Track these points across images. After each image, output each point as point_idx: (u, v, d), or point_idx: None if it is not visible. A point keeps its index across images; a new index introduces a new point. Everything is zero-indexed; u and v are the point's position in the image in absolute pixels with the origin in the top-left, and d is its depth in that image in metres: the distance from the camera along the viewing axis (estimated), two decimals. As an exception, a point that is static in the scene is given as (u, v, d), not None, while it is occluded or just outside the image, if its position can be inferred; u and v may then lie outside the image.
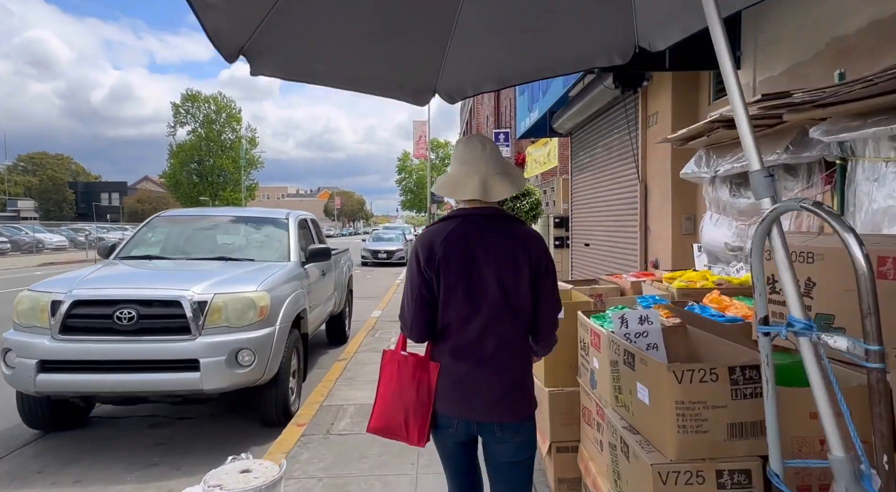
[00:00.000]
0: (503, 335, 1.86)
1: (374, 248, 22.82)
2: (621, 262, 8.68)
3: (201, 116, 61.51)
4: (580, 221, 11.23)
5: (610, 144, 9.08)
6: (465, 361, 1.87)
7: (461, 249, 1.86)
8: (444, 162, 75.59)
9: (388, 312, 10.31)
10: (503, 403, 1.85)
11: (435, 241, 1.88)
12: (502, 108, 24.05)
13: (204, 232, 5.87)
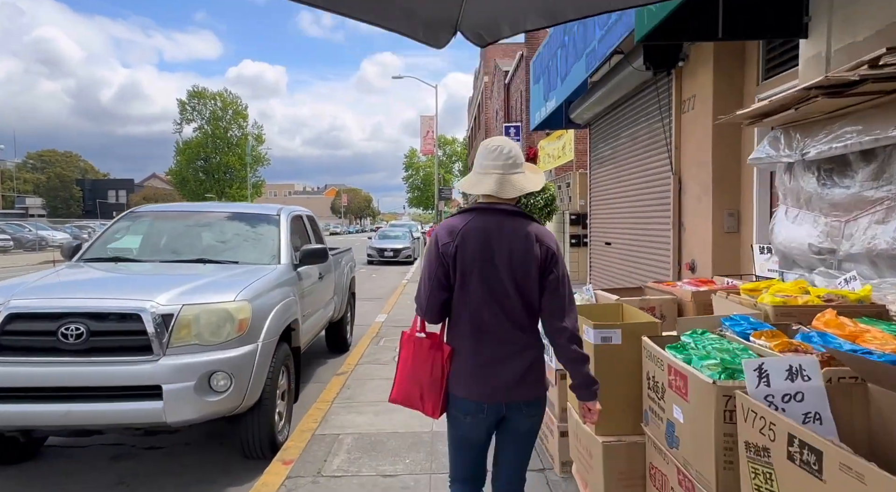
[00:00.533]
0: (516, 318, 2.00)
1: (381, 246, 22.08)
2: (649, 263, 7.87)
3: (207, 113, 61.00)
4: (600, 218, 10.43)
5: (636, 134, 8.27)
6: (485, 343, 2.01)
7: (477, 239, 1.99)
8: (451, 159, 74.77)
9: (393, 316, 9.57)
10: (526, 382, 2.00)
11: (453, 230, 2.02)
12: (513, 101, 23.24)
13: (183, 230, 5.13)
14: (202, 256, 4.69)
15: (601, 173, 10.22)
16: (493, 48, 32.29)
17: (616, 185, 9.31)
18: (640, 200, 8.18)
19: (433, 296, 2.06)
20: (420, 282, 2.14)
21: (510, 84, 23.35)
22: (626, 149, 8.73)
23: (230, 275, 4.20)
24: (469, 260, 1.99)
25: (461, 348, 2.04)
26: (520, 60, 20.56)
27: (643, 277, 8.11)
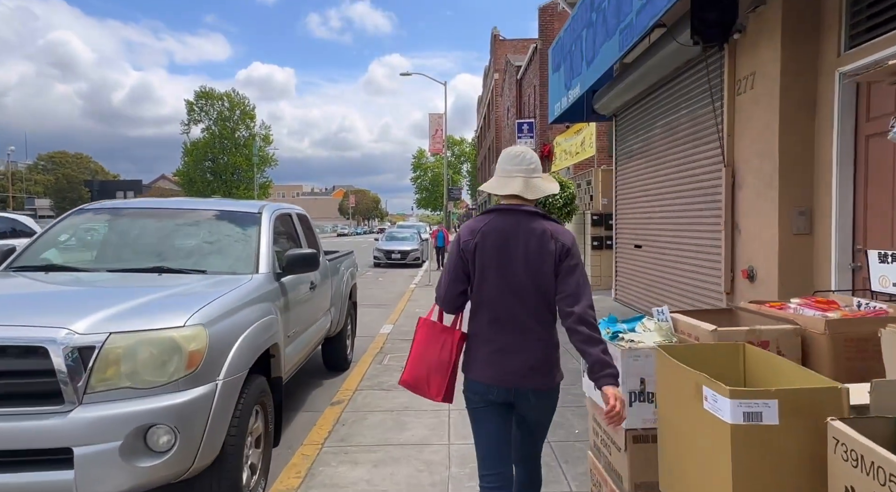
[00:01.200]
0: (533, 310, 2.13)
1: (388, 248, 21.14)
2: (692, 270, 6.86)
3: (215, 114, 60.50)
4: (628, 219, 9.42)
5: (675, 123, 7.26)
6: (502, 331, 2.13)
7: (497, 236, 2.15)
8: (460, 159, 73.82)
9: (400, 326, 8.61)
10: (537, 372, 2.12)
11: (475, 229, 2.20)
12: (525, 97, 22.24)
13: (143, 231, 4.20)
14: (161, 265, 3.75)
15: (629, 169, 9.21)
16: (504, 44, 31.32)
17: (648, 181, 8.31)
18: (680, 198, 7.17)
19: (451, 287, 2.22)
20: (441, 275, 2.29)
21: (522, 79, 22.35)
22: (662, 140, 7.73)
23: (187, 290, 3.26)
24: (487, 256, 2.15)
25: (478, 336, 2.19)
26: (533, 53, 19.58)
27: (683, 286, 7.09)
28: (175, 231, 4.23)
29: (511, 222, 2.15)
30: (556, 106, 10.70)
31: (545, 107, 18.84)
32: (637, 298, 8.89)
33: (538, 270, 2.11)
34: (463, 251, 2.18)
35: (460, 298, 2.24)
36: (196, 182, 58.68)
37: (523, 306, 2.12)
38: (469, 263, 2.18)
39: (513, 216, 2.16)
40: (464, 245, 2.18)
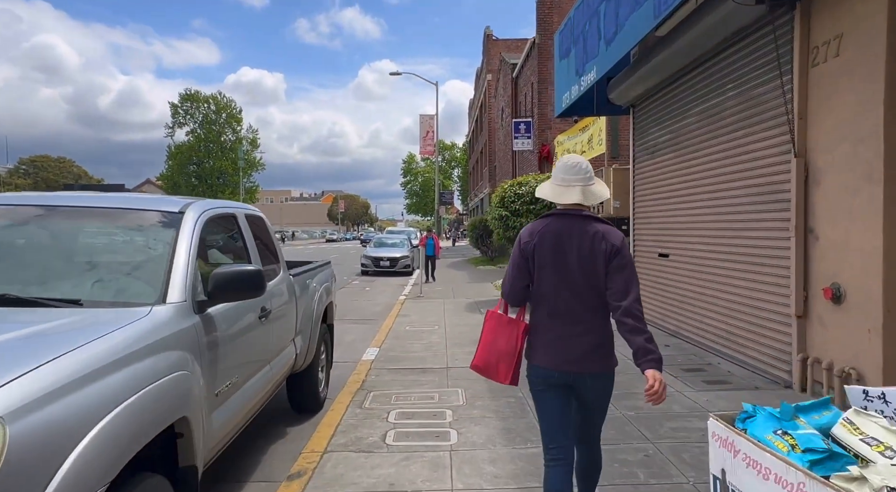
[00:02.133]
0: (587, 303, 2.35)
1: (376, 255, 19.75)
2: (744, 285, 5.60)
3: (200, 117, 58.87)
4: (650, 223, 8.18)
5: (717, 109, 6.03)
6: (560, 322, 2.37)
7: (553, 238, 2.37)
8: (451, 164, 72.64)
9: (388, 350, 7.27)
10: (593, 357, 2.35)
11: (533, 231, 2.42)
12: (521, 96, 21.05)
13: (9, 239, 2.86)
14: (5, 291, 2.41)
15: (652, 166, 7.98)
16: (497, 44, 30.19)
17: (679, 179, 7.07)
18: (725, 198, 5.93)
19: (515, 283, 2.47)
20: (505, 274, 2.52)
21: (518, 78, 21.17)
22: (699, 130, 6.49)
23: (20, 336, 1.92)
24: (545, 255, 2.38)
25: (539, 326, 2.42)
26: (531, 49, 18.42)
27: (731, 306, 5.83)
28: (55, 237, 2.89)
29: (566, 225, 2.38)
30: (564, 97, 9.46)
31: (543, 105, 17.65)
32: (663, 316, 7.63)
33: (591, 268, 2.33)
34: (524, 251, 2.42)
35: (524, 293, 2.47)
36: (180, 186, 56.92)
37: (578, 300, 2.35)
38: (530, 262, 2.41)
39: (569, 220, 2.39)
40: (524, 246, 2.42)
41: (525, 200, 10.19)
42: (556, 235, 2.36)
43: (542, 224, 2.41)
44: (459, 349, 6.96)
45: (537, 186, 9.98)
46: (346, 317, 10.65)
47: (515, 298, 2.49)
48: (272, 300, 3.73)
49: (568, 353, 2.34)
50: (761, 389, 4.88)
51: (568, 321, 2.36)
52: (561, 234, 2.35)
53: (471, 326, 8.68)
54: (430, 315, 9.94)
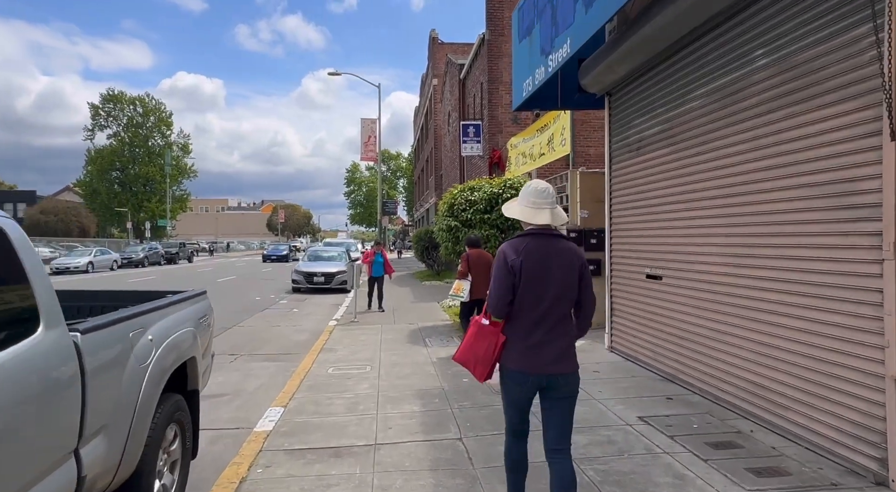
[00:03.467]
0: (562, 314, 2.68)
1: (309, 269, 17.49)
2: (794, 325, 4.00)
3: (125, 119, 54.37)
4: (632, 236, 6.60)
5: (736, 84, 4.43)
6: (541, 330, 2.65)
7: (536, 255, 2.65)
8: (396, 174, 70.73)
9: (298, 410, 5.23)
10: (564, 359, 2.67)
11: (517, 249, 2.67)
12: (469, 98, 19.50)
13: None
14: None
15: (635, 166, 6.42)
16: (443, 48, 28.72)
17: (674, 180, 5.51)
18: (752, 202, 4.35)
19: (503, 298, 2.66)
20: (491, 286, 2.71)
21: (466, 79, 19.66)
22: (705, 115, 4.93)
23: None
24: (531, 270, 2.63)
25: (517, 334, 2.68)
26: (480, 46, 16.93)
27: (769, 351, 4.24)
28: None
29: (544, 243, 2.69)
30: (526, 83, 7.83)
31: (494, 106, 16.13)
32: (653, 353, 6.03)
33: (569, 281, 2.67)
34: (511, 268, 2.64)
35: (509, 306, 2.68)
36: (100, 194, 52.17)
37: (557, 309, 2.66)
38: (516, 277, 2.64)
39: (545, 239, 2.70)
40: (511, 263, 2.65)
41: (478, 208, 8.50)
42: (539, 252, 2.66)
43: (523, 243, 2.68)
44: (396, 409, 5.07)
45: (492, 191, 8.09)
46: (258, 351, 8.52)
47: (502, 312, 2.70)
48: (29, 375, 1.76)
49: (545, 357, 2.65)
50: (841, 488, 3.26)
51: (547, 328, 2.66)
52: (544, 251, 2.67)
53: (414, 366, 6.80)
54: (362, 349, 7.99)
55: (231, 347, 8.82)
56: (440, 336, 8.80)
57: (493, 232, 8.55)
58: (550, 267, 2.63)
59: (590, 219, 8.71)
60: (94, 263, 29.43)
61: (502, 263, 2.66)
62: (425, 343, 8.25)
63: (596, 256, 8.71)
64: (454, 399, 5.31)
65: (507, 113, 16.08)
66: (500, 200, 8.60)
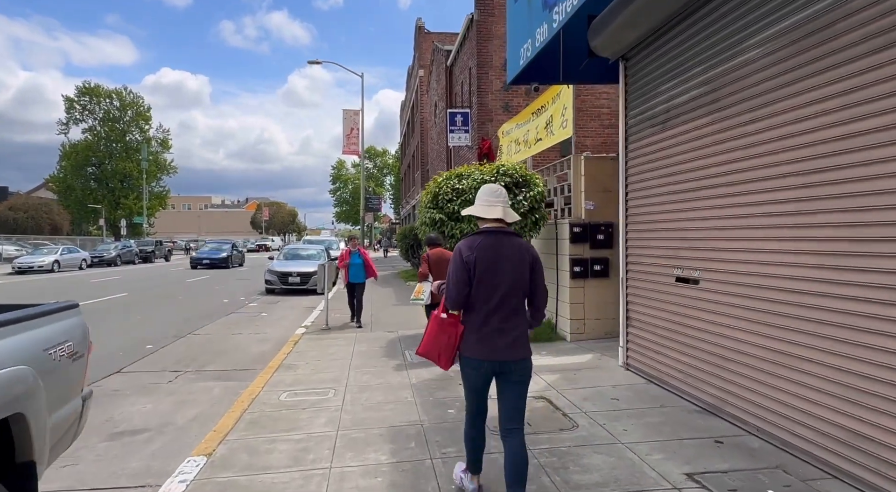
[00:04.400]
0: (514, 305, 2.88)
1: (284, 269, 16.03)
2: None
3: (101, 113, 52.21)
4: (656, 229, 5.32)
5: (824, 14, 3.20)
6: (496, 319, 2.85)
7: (491, 250, 2.85)
8: (383, 171, 69.20)
9: (227, 461, 3.89)
10: (516, 347, 2.86)
11: (472, 245, 2.87)
12: (457, 85, 18.19)
13: None
14: None
15: (659, 144, 5.17)
16: (430, 37, 27.38)
17: (719, 156, 4.26)
18: (848, 176, 3.11)
19: (460, 292, 2.87)
20: (448, 281, 2.93)
21: (454, 65, 18.35)
22: (770, 67, 3.67)
23: None
24: (484, 265, 2.83)
25: (473, 323, 2.88)
26: (468, 28, 15.62)
27: (860, 386, 2.99)
28: None
29: (497, 240, 2.87)
30: (523, 49, 6.54)
31: (483, 93, 14.84)
32: (689, 377, 4.77)
33: (520, 275, 2.86)
34: (466, 262, 2.84)
35: (465, 299, 2.88)
36: (75, 190, 50.05)
37: (509, 301, 2.86)
38: (471, 272, 2.83)
39: (498, 236, 2.88)
40: (466, 258, 2.84)
41: (467, 199, 7.22)
42: (492, 248, 2.84)
43: (477, 240, 2.87)
44: (358, 460, 3.76)
45: (483, 179, 6.80)
46: (207, 366, 7.16)
47: (459, 304, 2.91)
48: None
49: (500, 344, 2.84)
50: None
51: (502, 318, 2.85)
52: (496, 247, 2.84)
53: (388, 390, 5.50)
54: (328, 365, 6.66)
55: (176, 362, 7.45)
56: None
57: (484, 226, 7.29)
58: (502, 262, 2.84)
59: (596, 211, 7.46)
60: (60, 261, 27.67)
61: (458, 259, 2.87)
62: (404, 357, 6.95)
63: (603, 254, 7.46)
64: (436, 442, 4.02)
65: (497, 100, 14.80)
66: (493, 188, 7.34)
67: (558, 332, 7.85)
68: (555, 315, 7.98)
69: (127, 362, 7.41)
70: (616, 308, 7.54)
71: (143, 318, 11.40)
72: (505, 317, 2.84)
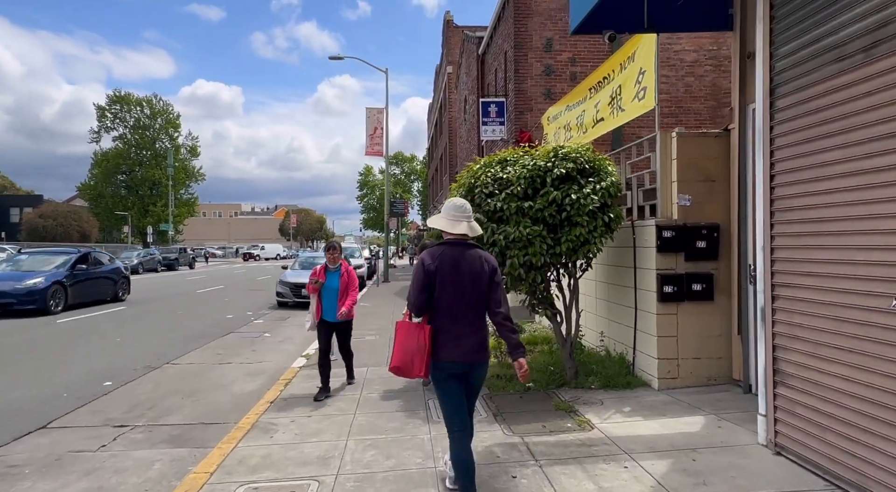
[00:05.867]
0: (476, 311, 3.07)
1: (296, 280, 14.16)
2: None
3: (132, 121, 52.04)
4: (841, 229, 3.07)
5: None
6: (458, 324, 3.03)
7: (451, 261, 3.05)
8: (410, 177, 67.65)
9: None
10: (480, 350, 3.07)
11: (434, 256, 3.07)
12: (490, 74, 16.20)
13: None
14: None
15: (852, 89, 3.04)
16: (458, 32, 25.52)
17: None
18: None
19: (420, 298, 3.05)
20: (410, 288, 3.13)
21: (486, 53, 16.38)
22: None
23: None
24: (445, 274, 3.03)
25: (441, 328, 3.04)
26: (503, 7, 13.64)
27: None
28: None
29: (458, 251, 3.07)
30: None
31: (522, 78, 12.81)
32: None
33: (479, 284, 3.04)
34: (428, 273, 3.03)
35: (427, 304, 3.07)
36: (105, 197, 49.83)
37: (470, 308, 3.05)
38: (432, 280, 3.03)
39: (459, 248, 3.09)
40: (428, 267, 3.04)
41: (514, 192, 5.19)
42: (452, 258, 3.04)
43: (439, 251, 3.08)
44: None
45: (536, 166, 4.69)
46: (165, 419, 5.25)
47: (421, 310, 3.08)
48: None
49: (464, 348, 3.02)
50: None
51: (464, 324, 3.04)
52: (456, 258, 3.04)
53: (402, 478, 3.48)
54: (320, 427, 4.68)
55: (128, 410, 5.60)
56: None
57: (537, 230, 5.23)
58: (462, 271, 3.04)
59: (693, 208, 5.34)
60: (79, 269, 26.58)
61: (420, 268, 3.08)
62: (428, 414, 4.93)
63: (705, 268, 5.32)
64: None
65: (537, 86, 12.74)
66: (550, 178, 5.29)
67: (637, 374, 5.72)
68: (631, 350, 5.86)
69: (64, 410, 5.59)
70: (724, 344, 5.38)
71: (126, 339, 9.65)
72: (468, 322, 3.05)
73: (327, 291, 5.79)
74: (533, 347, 7.45)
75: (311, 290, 5.77)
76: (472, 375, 3.08)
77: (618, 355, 6.13)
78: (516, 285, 5.47)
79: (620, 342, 6.20)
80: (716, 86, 12.89)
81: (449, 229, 3.10)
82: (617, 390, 5.41)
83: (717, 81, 12.88)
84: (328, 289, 5.79)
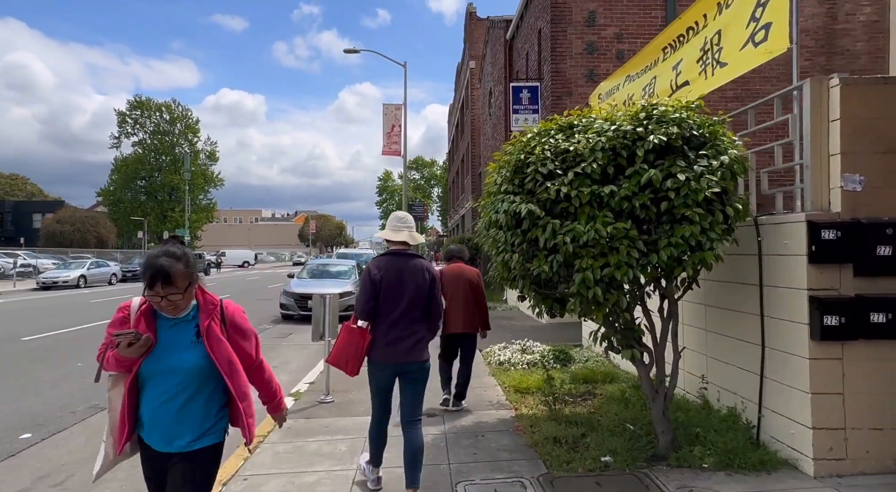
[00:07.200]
0: (414, 316, 3.34)
1: (303, 290, 12.42)
2: None
3: (151, 127, 51.48)
4: None
5: None
6: (396, 329, 3.30)
7: (394, 270, 3.34)
8: (430, 182, 66.16)
9: None
10: (415, 351, 3.33)
11: (380, 265, 3.38)
12: (520, 59, 14.39)
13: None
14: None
15: None
16: (482, 24, 23.82)
17: None
18: None
19: (367, 305, 3.31)
20: (359, 295, 3.39)
21: (515, 37, 14.62)
22: None
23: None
24: (389, 282, 3.31)
25: (379, 332, 3.31)
26: (537, -22, 11.89)
27: None
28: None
29: (401, 261, 3.38)
30: None
31: (559, 59, 10.97)
32: None
33: (419, 293, 3.34)
34: (374, 282, 3.32)
35: (373, 311, 3.32)
36: (123, 202, 49.23)
37: (410, 313, 3.32)
38: (378, 287, 3.31)
39: (402, 257, 3.40)
40: (374, 276, 3.33)
41: (585, 171, 3.38)
42: (396, 268, 3.34)
43: (384, 261, 3.38)
44: None
45: (623, 131, 3.52)
46: None
47: (368, 316, 3.32)
48: None
49: (399, 350, 3.28)
50: None
51: (403, 327, 3.30)
52: (399, 267, 3.34)
53: None
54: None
55: (30, 485, 3.87)
56: (494, 468, 3.64)
57: (623, 228, 3.37)
58: (404, 280, 3.31)
59: (867, 195, 3.44)
60: (86, 276, 25.50)
61: (367, 277, 3.35)
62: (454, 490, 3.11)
63: (889, 288, 3.41)
64: None
65: (578, 67, 10.89)
66: (642, 150, 3.45)
67: (768, 444, 3.81)
68: (754, 407, 3.95)
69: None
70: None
71: (85, 365, 7.99)
72: (406, 326, 3.30)
73: (160, 371, 2.13)
74: (594, 387, 5.57)
75: (115, 364, 2.14)
76: (411, 371, 3.35)
77: (727, 411, 4.24)
78: (589, 312, 3.63)
79: (731, 392, 4.30)
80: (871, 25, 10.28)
81: (391, 237, 3.45)
82: (744, 473, 3.52)
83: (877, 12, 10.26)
84: (162, 368, 2.13)
